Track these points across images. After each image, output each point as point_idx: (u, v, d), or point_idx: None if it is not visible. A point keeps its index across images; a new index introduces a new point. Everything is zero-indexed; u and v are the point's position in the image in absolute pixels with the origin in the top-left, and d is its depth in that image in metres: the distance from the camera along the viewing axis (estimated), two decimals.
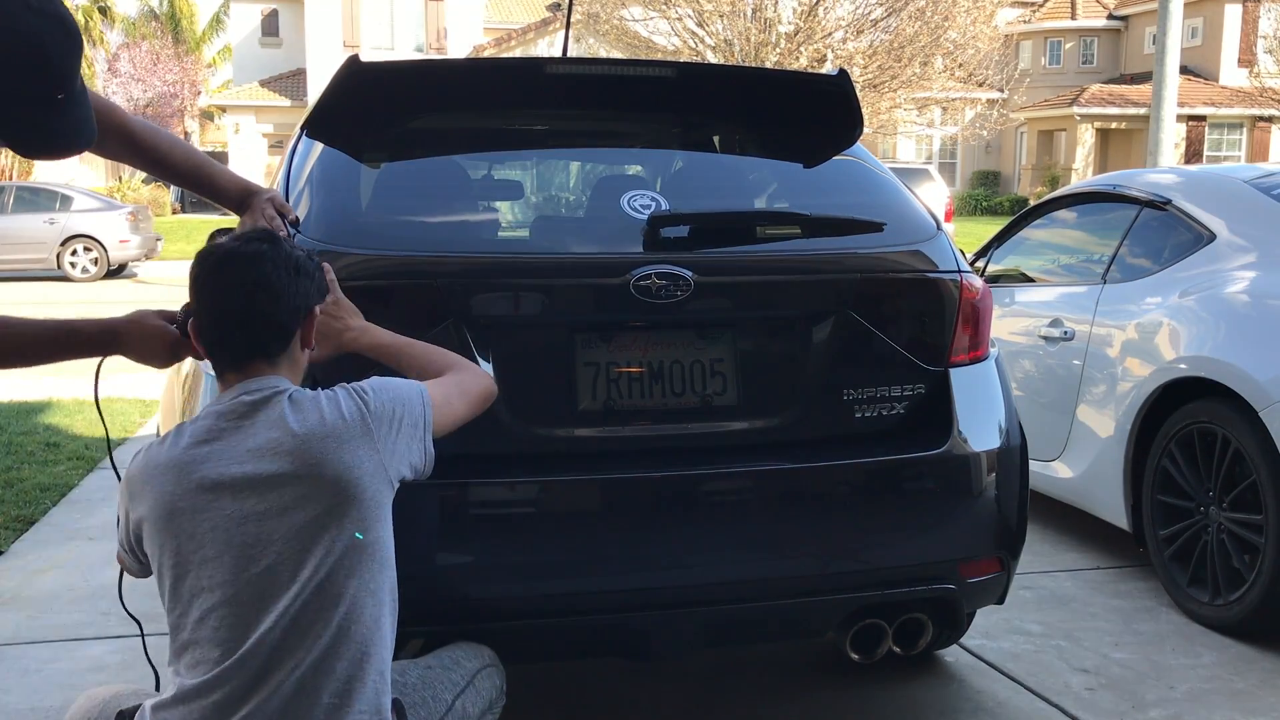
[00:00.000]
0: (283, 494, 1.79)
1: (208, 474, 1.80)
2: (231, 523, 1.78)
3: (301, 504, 1.79)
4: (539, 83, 2.79)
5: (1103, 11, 36.94)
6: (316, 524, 1.79)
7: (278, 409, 1.84)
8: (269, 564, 1.77)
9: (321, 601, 1.79)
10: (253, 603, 1.77)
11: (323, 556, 1.79)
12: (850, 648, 2.64)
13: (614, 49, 21.32)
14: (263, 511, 1.78)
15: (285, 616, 1.77)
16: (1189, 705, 3.01)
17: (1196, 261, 3.92)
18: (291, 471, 1.79)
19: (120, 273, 18.32)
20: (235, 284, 1.87)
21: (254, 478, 1.79)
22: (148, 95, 36.51)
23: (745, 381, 2.49)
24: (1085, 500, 4.21)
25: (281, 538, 1.78)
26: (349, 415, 1.85)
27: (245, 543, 1.77)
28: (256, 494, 1.79)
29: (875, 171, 2.84)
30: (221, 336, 1.89)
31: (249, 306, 1.87)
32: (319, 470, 1.80)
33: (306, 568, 1.78)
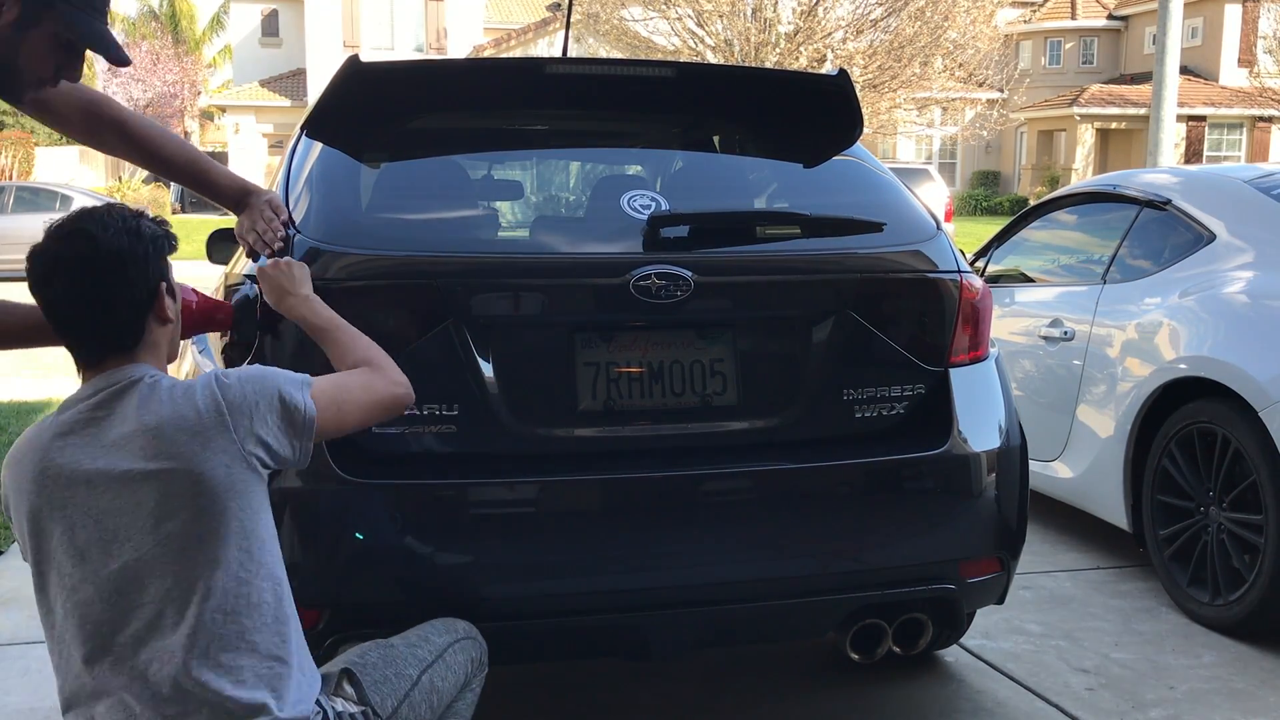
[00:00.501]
0: (136, 489, 1.74)
1: (63, 468, 1.76)
2: (88, 518, 1.74)
3: (153, 496, 1.74)
4: (539, 83, 2.79)
5: (1103, 11, 36.94)
6: (167, 512, 1.74)
7: (132, 401, 1.79)
8: (125, 560, 1.74)
9: (174, 585, 1.74)
10: (107, 594, 1.74)
11: (167, 539, 1.74)
12: (850, 648, 2.64)
13: (614, 49, 21.32)
14: (118, 507, 1.74)
15: (134, 600, 1.73)
16: (1189, 705, 3.01)
17: (1196, 261, 3.92)
18: (142, 469, 1.74)
19: None
20: (64, 297, 1.81)
21: (108, 473, 1.75)
22: (148, 95, 36.51)
23: (745, 381, 2.49)
24: (1085, 500, 4.21)
25: (137, 530, 1.74)
26: (204, 408, 1.79)
27: (102, 537, 1.74)
28: (110, 490, 1.75)
29: (875, 171, 2.84)
30: (70, 342, 1.85)
31: (87, 314, 1.81)
32: (168, 463, 1.75)
33: (155, 549, 1.74)
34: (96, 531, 1.75)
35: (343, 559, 2.25)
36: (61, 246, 1.81)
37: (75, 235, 1.81)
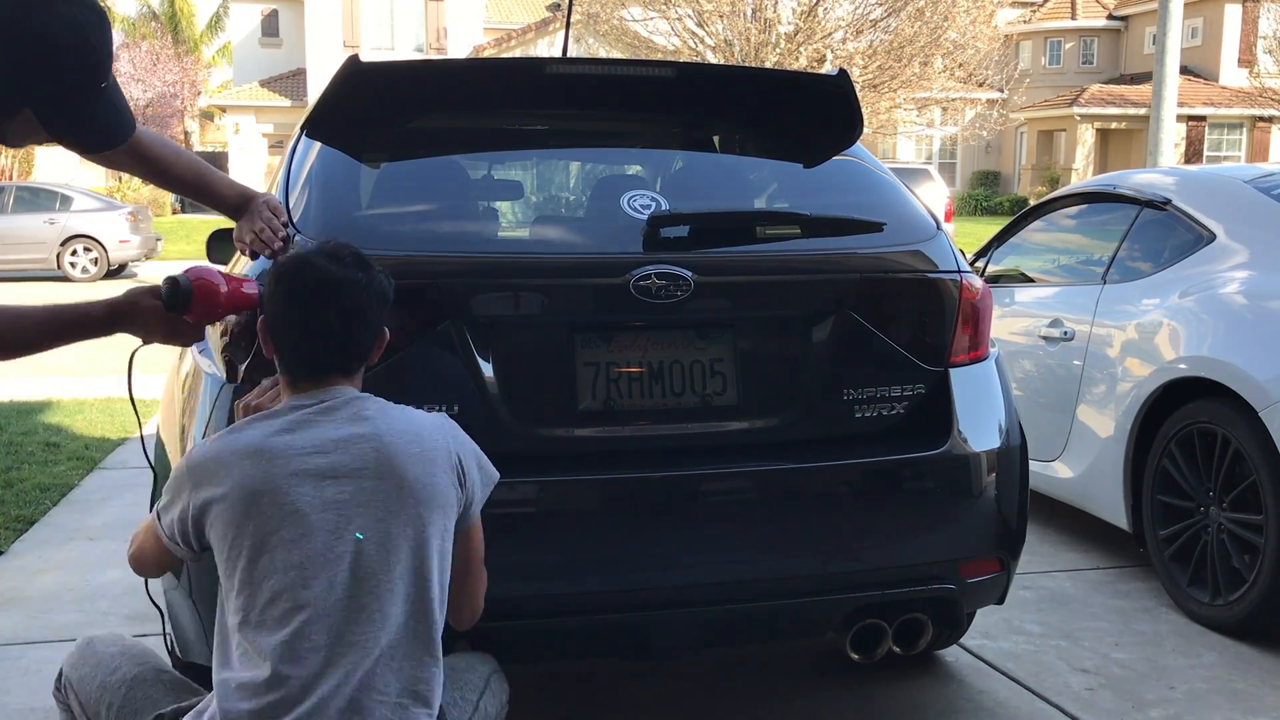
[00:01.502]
0: (361, 487, 1.82)
1: (291, 460, 1.82)
2: (313, 508, 1.80)
3: (377, 497, 1.82)
4: (539, 83, 2.79)
5: (1103, 11, 36.94)
6: (388, 513, 1.82)
7: (357, 407, 1.89)
8: (342, 550, 1.80)
9: (387, 587, 1.81)
10: (321, 584, 1.78)
11: (386, 541, 1.82)
12: (850, 648, 2.64)
13: (614, 49, 21.32)
14: (342, 500, 1.81)
15: (348, 594, 1.79)
16: (1189, 705, 3.01)
17: (1196, 262, 3.92)
18: (369, 466, 1.83)
19: (120, 273, 18.32)
20: (332, 310, 1.90)
21: (336, 468, 1.82)
22: (147, 95, 36.51)
23: (745, 381, 2.49)
24: (1085, 500, 4.21)
25: (357, 526, 1.81)
26: (437, 439, 1.92)
27: (325, 527, 1.80)
28: (337, 484, 1.82)
29: (875, 171, 2.84)
30: (308, 354, 1.92)
31: (344, 333, 1.91)
32: (394, 470, 1.84)
33: (370, 550, 1.81)
34: (320, 520, 1.80)
35: None
36: (336, 267, 1.91)
37: (351, 262, 1.93)
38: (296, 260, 1.95)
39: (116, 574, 3.91)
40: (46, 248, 17.43)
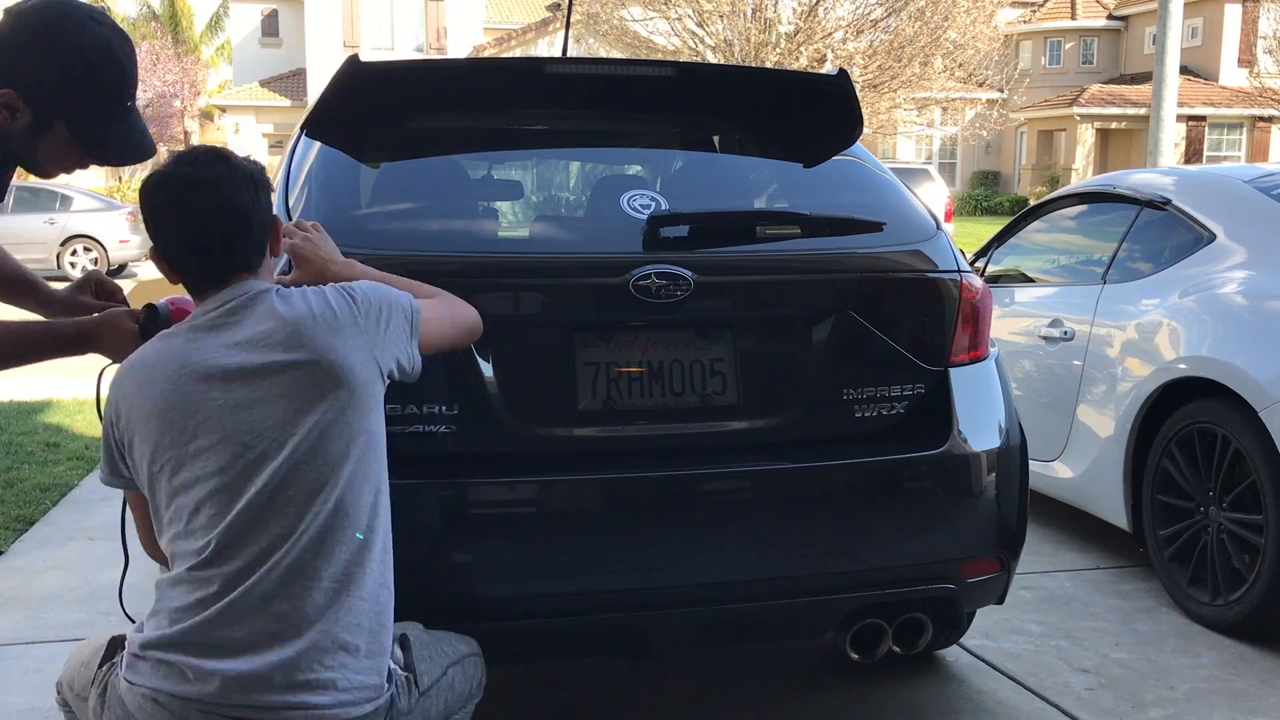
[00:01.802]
0: (274, 381, 1.81)
1: (197, 365, 1.82)
2: (224, 412, 1.79)
3: (293, 389, 1.81)
4: (539, 83, 2.79)
5: (1103, 11, 36.94)
6: (306, 404, 1.81)
7: (266, 303, 1.87)
8: (262, 450, 1.79)
9: (310, 477, 1.79)
10: (241, 485, 1.78)
11: (307, 431, 1.80)
12: (850, 648, 2.64)
13: (614, 49, 21.32)
14: (255, 400, 1.80)
15: (268, 489, 1.77)
16: (1189, 705, 3.01)
17: (1196, 262, 3.92)
18: (282, 360, 1.82)
19: (120, 273, 18.31)
20: (203, 212, 1.87)
21: (245, 367, 1.81)
22: (147, 96, 36.49)
23: (745, 381, 2.49)
24: (1085, 500, 4.21)
25: (274, 424, 1.80)
26: (337, 307, 1.89)
27: (238, 430, 1.79)
28: (247, 384, 1.81)
29: (875, 171, 2.84)
30: (200, 261, 1.91)
31: (224, 230, 1.88)
32: (309, 354, 1.83)
33: (291, 442, 1.79)
34: (232, 423, 1.79)
35: None
36: (194, 169, 1.88)
37: (207, 159, 1.90)
38: (156, 176, 1.92)
39: (116, 574, 3.90)
40: (46, 248, 17.41)
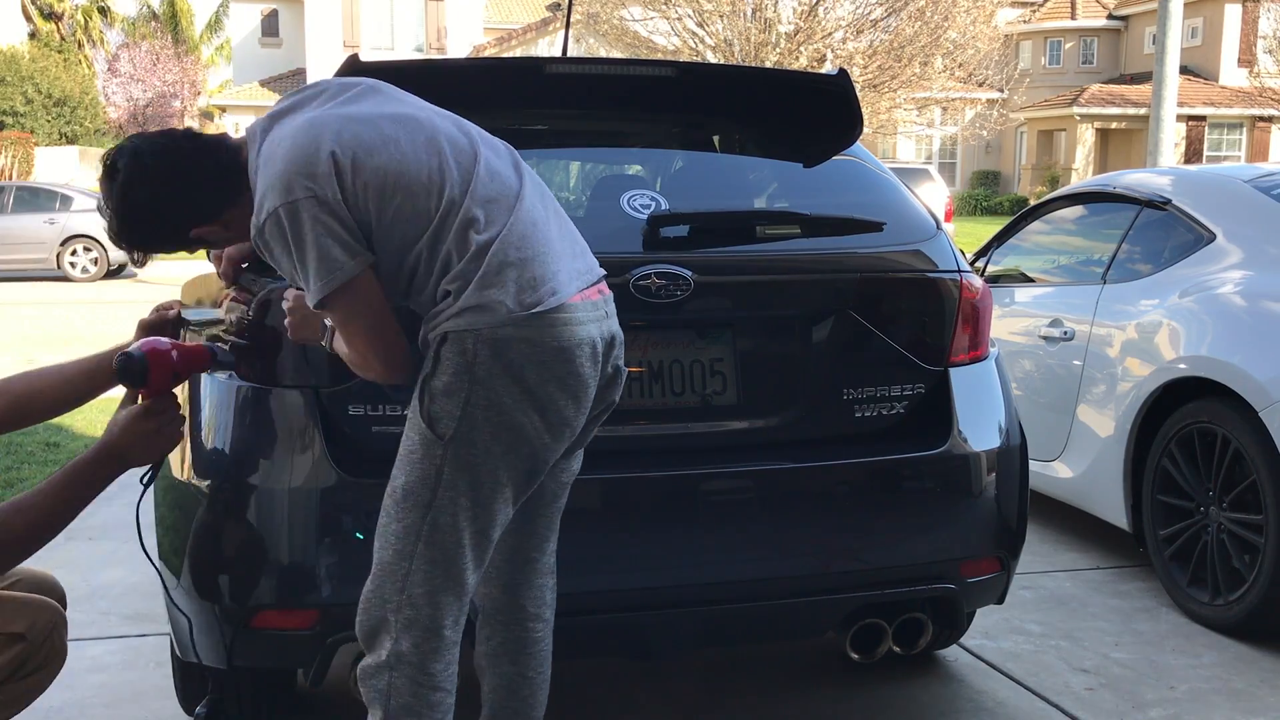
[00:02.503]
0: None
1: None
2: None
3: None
4: (539, 83, 2.79)
5: (1103, 11, 36.94)
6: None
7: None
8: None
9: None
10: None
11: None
12: (850, 648, 2.64)
13: (614, 49, 21.31)
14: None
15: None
16: (1189, 705, 3.01)
17: (1196, 261, 3.92)
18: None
19: (120, 273, 18.33)
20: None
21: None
22: (147, 95, 36.51)
23: (745, 381, 2.49)
24: (1085, 500, 4.21)
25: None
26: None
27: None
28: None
29: (875, 171, 2.84)
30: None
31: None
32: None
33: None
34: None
35: (342, 558, 2.24)
36: (149, 137, 2.01)
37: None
38: (128, 149, 1.99)
39: (117, 574, 3.91)
40: (46, 248, 17.43)
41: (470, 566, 1.95)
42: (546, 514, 2.15)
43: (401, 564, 1.93)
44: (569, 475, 2.15)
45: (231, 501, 2.28)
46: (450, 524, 1.91)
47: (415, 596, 1.93)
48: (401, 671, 1.94)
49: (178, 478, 2.39)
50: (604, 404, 2.06)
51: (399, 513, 1.94)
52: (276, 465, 2.27)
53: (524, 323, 1.86)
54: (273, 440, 2.30)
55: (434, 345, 1.91)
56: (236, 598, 2.26)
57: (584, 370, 1.92)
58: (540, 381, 1.88)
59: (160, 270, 18.85)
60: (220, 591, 2.28)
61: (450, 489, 1.91)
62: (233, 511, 2.28)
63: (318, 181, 1.84)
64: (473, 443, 1.89)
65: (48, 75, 32.36)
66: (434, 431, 1.90)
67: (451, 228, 1.89)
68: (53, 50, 37.31)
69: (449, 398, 1.88)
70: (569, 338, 1.89)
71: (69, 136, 32.72)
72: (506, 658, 2.18)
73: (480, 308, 1.86)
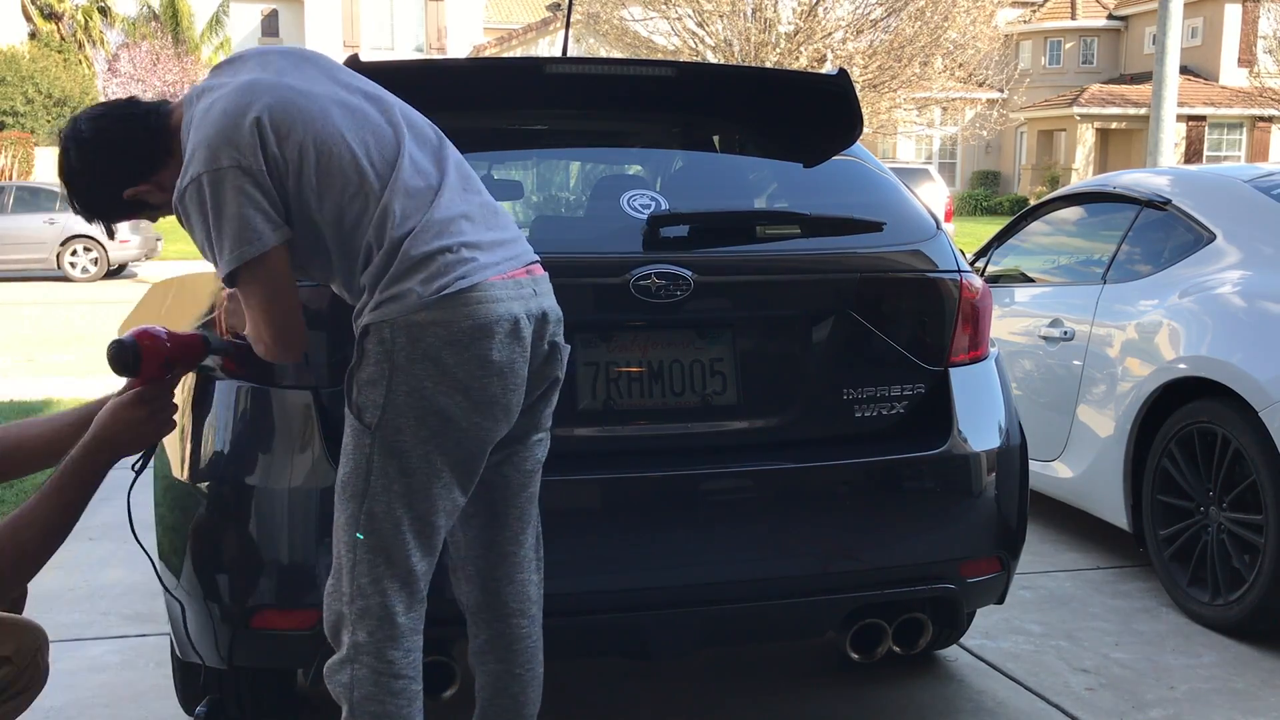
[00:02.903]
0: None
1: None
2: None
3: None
4: (539, 83, 2.79)
5: (1103, 11, 36.93)
6: None
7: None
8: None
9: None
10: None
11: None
12: (850, 648, 2.64)
13: (614, 49, 21.31)
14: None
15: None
16: (1189, 705, 3.01)
17: (1196, 261, 3.92)
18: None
19: (120, 273, 18.33)
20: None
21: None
22: (148, 95, 36.48)
23: (745, 381, 2.49)
24: (1085, 500, 4.21)
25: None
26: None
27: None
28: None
29: (875, 171, 2.84)
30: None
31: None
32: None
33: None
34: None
35: None
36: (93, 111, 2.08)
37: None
38: (87, 118, 2.05)
39: (117, 574, 3.91)
40: (46, 248, 17.43)
41: (415, 553, 1.96)
42: (516, 504, 2.14)
43: (348, 555, 1.96)
44: (533, 463, 2.14)
45: (231, 501, 2.28)
46: (386, 512, 1.93)
47: (363, 586, 1.95)
48: (361, 662, 1.95)
49: (178, 478, 2.39)
50: (547, 381, 2.07)
51: (340, 505, 1.98)
52: (276, 465, 2.27)
53: (435, 305, 1.88)
54: (273, 440, 2.30)
55: (357, 339, 1.94)
56: (236, 597, 2.26)
57: (503, 347, 1.92)
58: (459, 362, 1.89)
59: (161, 270, 18.85)
60: (220, 591, 2.28)
61: (382, 476, 1.93)
62: (233, 511, 2.28)
63: (242, 150, 1.87)
64: (399, 429, 1.91)
65: (48, 75, 32.36)
66: (361, 421, 1.93)
67: (371, 219, 1.91)
68: (53, 50, 37.30)
69: (372, 387, 1.91)
70: (484, 315, 1.90)
71: None
72: (493, 655, 2.18)
73: (394, 298, 1.89)
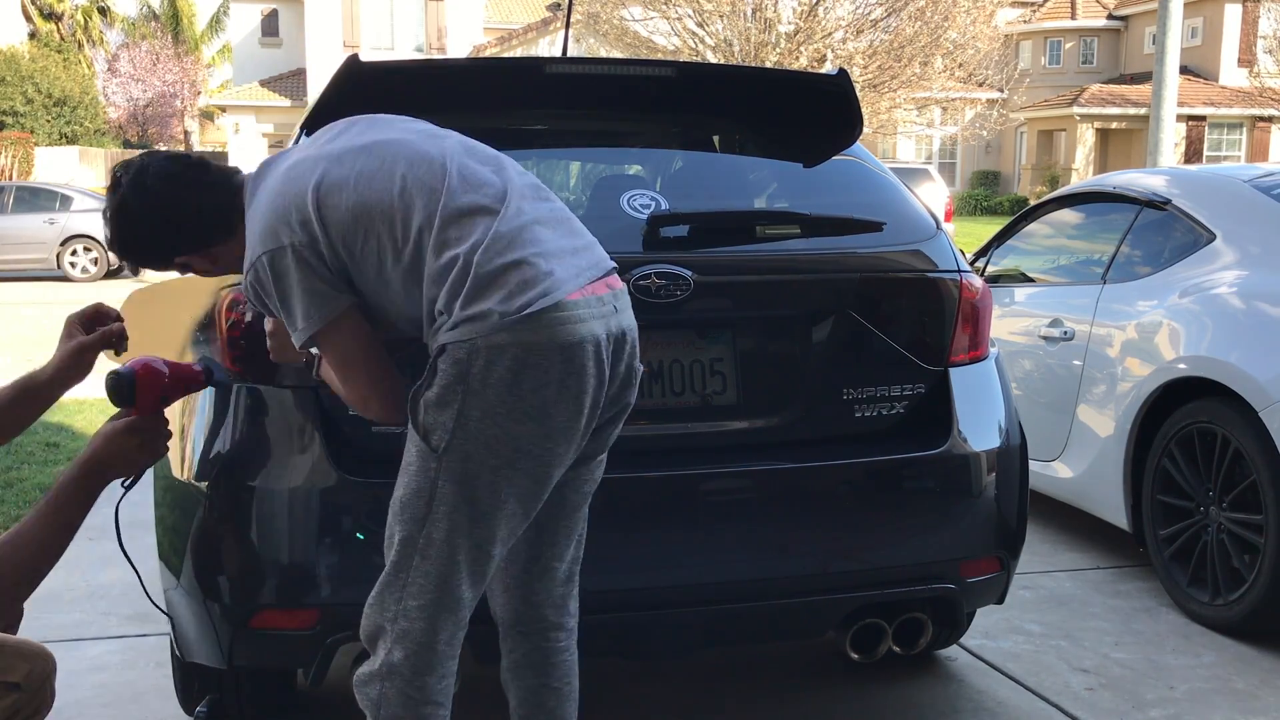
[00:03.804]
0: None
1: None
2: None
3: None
4: (539, 83, 2.79)
5: (1103, 11, 36.92)
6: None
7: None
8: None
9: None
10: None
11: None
12: (850, 648, 2.64)
13: (614, 49, 21.31)
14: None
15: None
16: (1189, 705, 3.01)
17: (1196, 261, 3.92)
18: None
19: (120, 272, 18.29)
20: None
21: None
22: (147, 95, 36.51)
23: (745, 381, 2.49)
24: (1085, 500, 4.21)
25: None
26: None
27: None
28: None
29: (875, 171, 2.84)
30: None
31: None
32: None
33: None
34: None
35: (342, 559, 2.24)
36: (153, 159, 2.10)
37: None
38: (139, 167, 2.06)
39: (117, 574, 3.91)
40: (46, 247, 17.42)
41: (466, 583, 1.90)
42: (567, 524, 2.09)
43: (399, 576, 1.91)
44: (591, 484, 2.09)
45: (232, 501, 2.28)
46: (445, 539, 1.87)
47: (410, 610, 1.90)
48: (393, 683, 1.91)
49: (178, 478, 2.39)
50: (618, 406, 2.00)
51: (398, 525, 1.91)
52: (276, 465, 2.27)
53: (517, 326, 1.79)
54: (273, 440, 2.30)
55: (431, 358, 1.87)
56: (237, 598, 2.26)
57: (587, 370, 1.84)
58: (538, 386, 1.81)
59: (161, 273, 18.82)
60: (220, 591, 2.28)
61: (445, 503, 1.86)
62: (233, 511, 2.28)
63: (297, 228, 1.87)
64: (468, 455, 1.84)
65: (48, 75, 32.37)
66: (428, 444, 1.86)
67: (426, 249, 1.85)
68: (53, 50, 37.32)
69: (442, 409, 1.83)
70: (568, 336, 1.81)
71: (69, 136, 32.72)
72: (530, 670, 2.12)
73: (472, 318, 1.80)
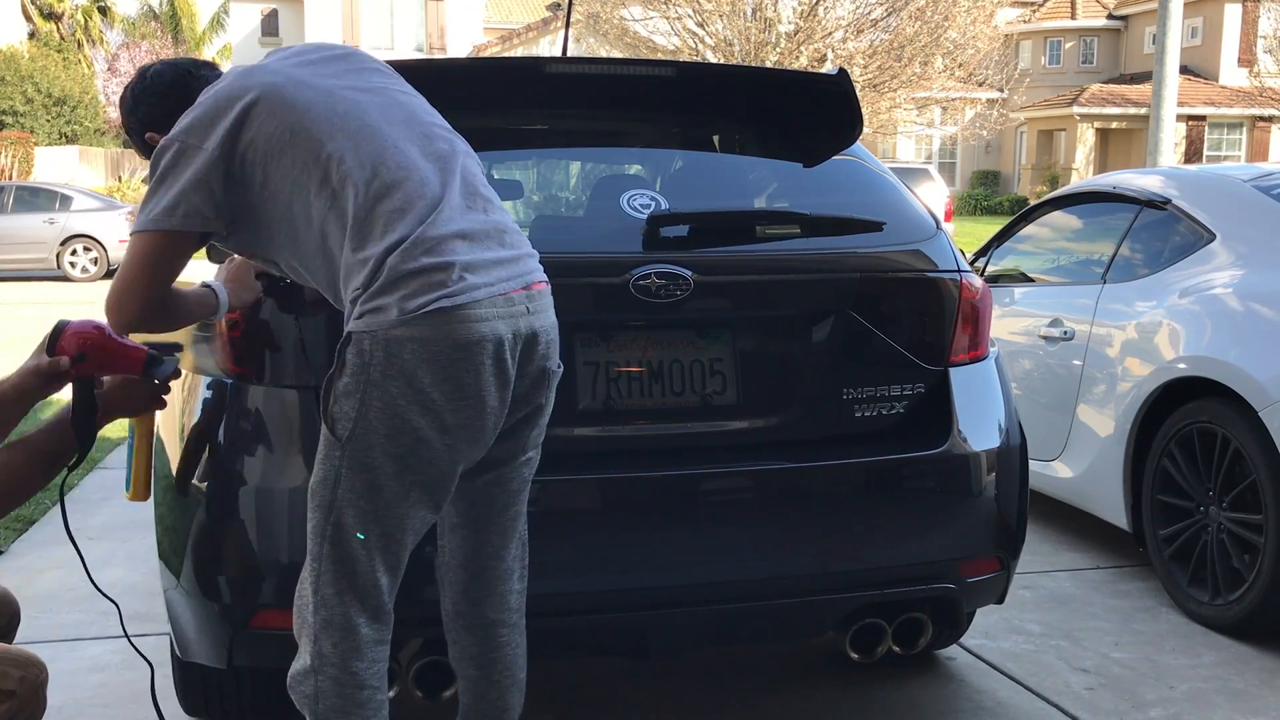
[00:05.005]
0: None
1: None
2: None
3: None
4: (539, 82, 2.79)
5: (1103, 11, 36.93)
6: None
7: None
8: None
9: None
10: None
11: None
12: (850, 647, 2.64)
13: (614, 49, 21.31)
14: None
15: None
16: (1189, 705, 3.01)
17: (1196, 261, 3.92)
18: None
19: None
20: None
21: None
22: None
23: (745, 381, 2.49)
24: (1085, 500, 4.21)
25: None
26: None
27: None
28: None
29: (875, 171, 2.84)
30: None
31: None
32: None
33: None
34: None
35: None
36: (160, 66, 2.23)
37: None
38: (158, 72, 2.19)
39: (117, 574, 3.91)
40: (46, 247, 17.41)
41: (380, 568, 1.92)
42: (499, 522, 2.09)
43: (314, 564, 1.94)
44: (519, 483, 2.09)
45: (232, 501, 2.29)
46: (352, 525, 1.90)
47: (327, 597, 1.92)
48: (325, 673, 1.93)
49: (177, 478, 2.39)
50: (531, 406, 2.01)
51: (309, 512, 1.95)
52: (276, 465, 2.27)
53: (416, 322, 1.81)
54: (273, 440, 2.30)
55: (339, 346, 1.89)
56: (236, 598, 2.27)
57: (484, 368, 1.85)
58: (435, 382, 1.83)
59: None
60: (220, 591, 2.28)
61: (349, 490, 1.89)
62: (233, 511, 2.28)
63: (214, 135, 1.90)
64: (369, 445, 1.86)
65: (48, 75, 32.34)
66: (333, 433, 1.89)
67: (348, 227, 1.87)
68: (52, 50, 37.31)
69: (347, 399, 1.86)
70: (466, 334, 1.83)
71: (69, 136, 32.70)
72: (471, 663, 2.15)
73: (374, 310, 1.83)
